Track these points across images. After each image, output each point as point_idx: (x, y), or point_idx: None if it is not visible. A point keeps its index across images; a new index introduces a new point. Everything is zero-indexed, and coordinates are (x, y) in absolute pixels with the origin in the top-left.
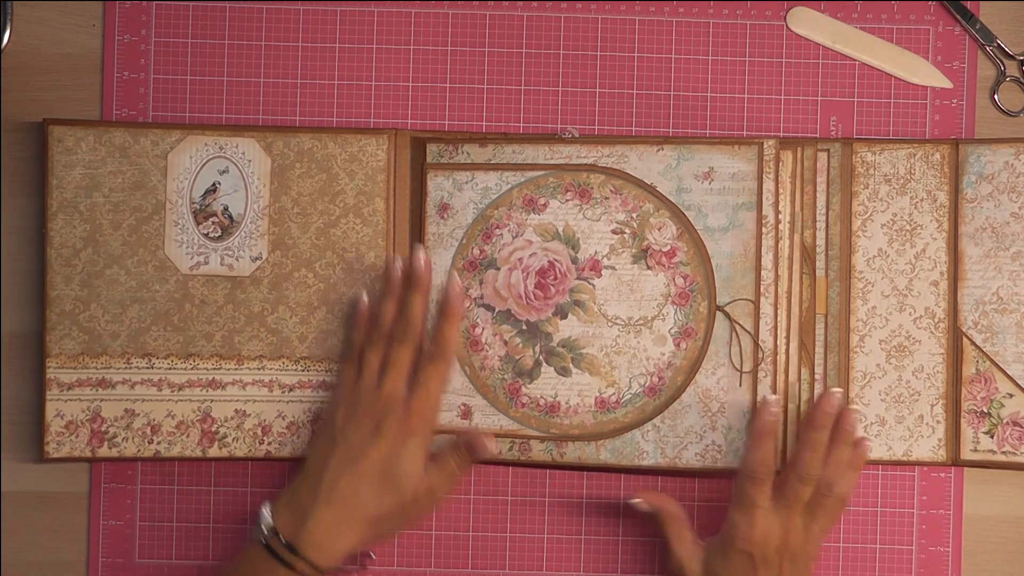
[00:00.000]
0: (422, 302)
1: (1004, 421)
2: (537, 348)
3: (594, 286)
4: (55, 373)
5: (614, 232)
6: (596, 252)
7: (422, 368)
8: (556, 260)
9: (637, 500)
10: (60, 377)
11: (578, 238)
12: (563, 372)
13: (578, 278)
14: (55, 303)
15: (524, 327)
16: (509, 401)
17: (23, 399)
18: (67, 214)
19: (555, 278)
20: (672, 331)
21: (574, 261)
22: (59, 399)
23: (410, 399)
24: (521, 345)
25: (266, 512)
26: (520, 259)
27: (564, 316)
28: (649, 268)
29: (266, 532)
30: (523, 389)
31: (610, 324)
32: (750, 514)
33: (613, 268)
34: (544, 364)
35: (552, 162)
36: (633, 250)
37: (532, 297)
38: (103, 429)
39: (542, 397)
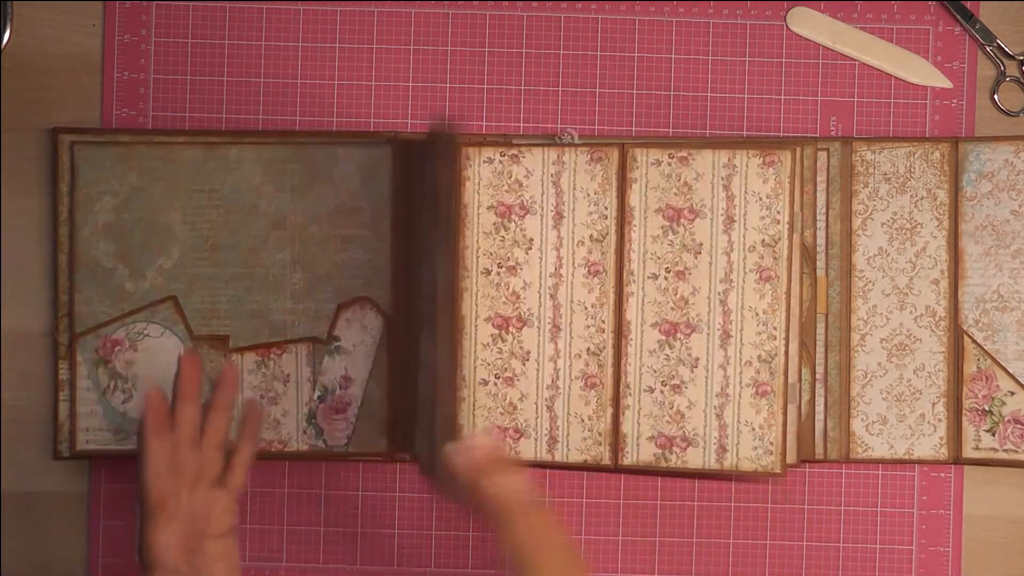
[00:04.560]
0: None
1: (1005, 419)
2: None
3: None
4: (66, 374)
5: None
6: None
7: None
8: None
9: None
10: (71, 378)
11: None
12: None
13: None
14: (65, 307)
15: None
16: None
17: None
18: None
19: None
20: None
21: None
22: (70, 399)
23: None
24: None
25: None
26: None
27: None
28: None
29: None
30: None
31: None
32: None
33: None
34: None
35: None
36: None
37: None
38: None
39: None
